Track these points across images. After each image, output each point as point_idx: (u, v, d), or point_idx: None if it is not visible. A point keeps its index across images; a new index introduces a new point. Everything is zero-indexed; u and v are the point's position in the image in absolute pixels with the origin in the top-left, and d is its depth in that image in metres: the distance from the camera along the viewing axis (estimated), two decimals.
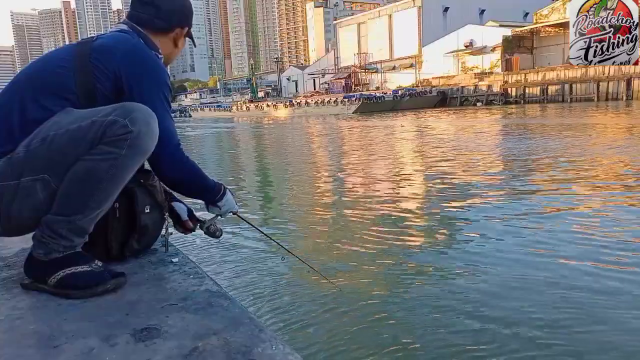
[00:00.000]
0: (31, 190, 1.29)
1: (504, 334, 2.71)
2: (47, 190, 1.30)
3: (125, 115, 1.29)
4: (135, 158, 1.32)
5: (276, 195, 8.11)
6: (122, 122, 1.28)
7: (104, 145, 1.28)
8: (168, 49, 1.62)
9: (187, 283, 1.42)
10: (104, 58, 1.38)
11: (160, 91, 1.44)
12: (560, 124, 17.92)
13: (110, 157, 1.28)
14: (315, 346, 2.72)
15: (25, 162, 1.29)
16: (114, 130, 1.27)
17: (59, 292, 1.33)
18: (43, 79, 1.39)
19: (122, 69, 1.38)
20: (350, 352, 2.66)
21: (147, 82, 1.41)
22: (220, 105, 72.25)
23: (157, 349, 1.04)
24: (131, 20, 1.56)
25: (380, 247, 4.45)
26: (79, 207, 1.31)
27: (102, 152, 1.28)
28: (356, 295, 3.38)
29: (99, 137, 1.28)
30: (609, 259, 3.78)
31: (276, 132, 27.53)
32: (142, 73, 1.41)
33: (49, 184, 1.29)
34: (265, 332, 1.11)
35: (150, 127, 1.32)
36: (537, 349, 2.57)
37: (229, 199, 1.64)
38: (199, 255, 4.41)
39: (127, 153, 1.29)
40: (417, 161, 10.90)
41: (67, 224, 1.31)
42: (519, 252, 4.05)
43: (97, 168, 1.28)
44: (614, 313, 2.90)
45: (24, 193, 1.29)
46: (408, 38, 60.13)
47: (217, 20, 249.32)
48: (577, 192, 6.32)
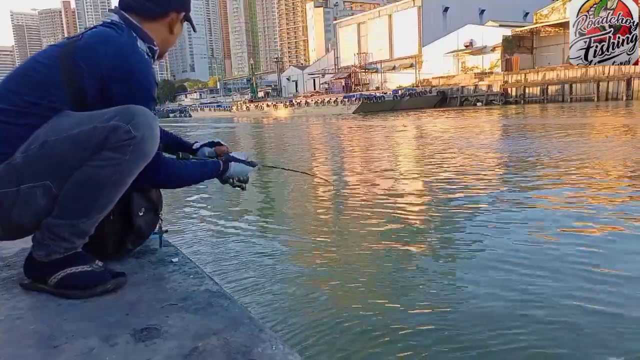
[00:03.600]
0: (31, 197, 1.27)
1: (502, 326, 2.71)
2: (47, 196, 1.28)
3: (127, 120, 1.27)
4: (138, 162, 1.32)
5: (277, 193, 8.11)
6: (125, 127, 1.26)
7: (107, 152, 1.27)
8: (163, 35, 1.54)
9: (187, 283, 1.42)
10: (88, 59, 1.33)
11: (146, 96, 1.39)
12: (560, 124, 17.92)
13: (113, 162, 1.27)
14: (315, 346, 2.72)
15: (25, 168, 1.26)
16: (118, 135, 1.26)
17: (59, 292, 1.33)
18: (29, 78, 1.34)
19: (107, 72, 1.33)
20: (350, 352, 2.66)
21: (133, 89, 1.36)
22: (220, 105, 72.29)
23: (157, 349, 1.04)
24: (121, 7, 1.48)
25: (381, 247, 4.45)
26: (82, 211, 1.31)
27: (105, 158, 1.27)
28: (357, 295, 3.38)
29: (101, 142, 1.26)
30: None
31: (276, 131, 27.52)
32: (128, 79, 1.35)
33: (49, 189, 1.28)
34: (265, 332, 1.11)
35: (153, 131, 1.32)
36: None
37: (235, 170, 1.65)
38: (199, 255, 4.41)
39: (131, 158, 1.29)
40: (424, 162, 10.90)
41: (70, 227, 1.31)
42: (520, 255, 4.05)
43: (100, 174, 1.28)
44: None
45: (24, 200, 1.27)
46: (408, 38, 60.13)
47: (217, 20, 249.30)
48: (578, 191, 6.33)
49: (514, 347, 2.59)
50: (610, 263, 3.68)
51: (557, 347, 2.58)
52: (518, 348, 2.58)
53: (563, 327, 2.77)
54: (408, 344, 2.70)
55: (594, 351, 2.55)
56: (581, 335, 2.70)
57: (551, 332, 2.72)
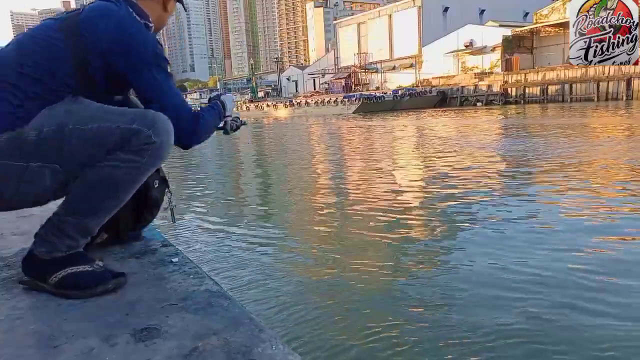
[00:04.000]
0: (40, 176, 1.27)
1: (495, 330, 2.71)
2: (55, 178, 1.28)
3: (149, 126, 1.29)
4: (154, 165, 1.35)
5: (277, 193, 8.11)
6: (147, 132, 1.28)
7: (124, 153, 1.28)
8: (157, 12, 1.55)
9: (187, 283, 1.42)
10: (90, 33, 1.31)
11: (157, 65, 1.37)
12: (561, 124, 17.91)
13: (131, 165, 1.29)
14: (316, 346, 2.72)
15: (36, 147, 1.25)
16: (139, 139, 1.27)
17: (59, 292, 1.33)
18: (34, 52, 1.32)
19: (107, 46, 1.31)
20: (350, 352, 2.66)
21: (133, 62, 1.34)
22: None
23: (157, 349, 1.04)
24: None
25: (382, 247, 4.45)
26: (93, 210, 1.32)
27: (122, 159, 1.28)
28: (357, 296, 3.38)
29: (120, 143, 1.27)
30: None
31: (276, 131, 27.52)
32: (127, 52, 1.33)
33: (58, 173, 1.28)
34: (265, 332, 1.11)
35: (171, 137, 1.34)
36: None
37: (229, 104, 1.66)
38: (199, 255, 4.41)
39: (148, 161, 1.31)
40: (424, 162, 10.90)
41: (76, 225, 1.32)
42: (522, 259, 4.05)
43: (117, 174, 1.29)
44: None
45: (31, 177, 1.27)
46: (408, 38, 60.11)
47: (217, 20, 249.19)
48: (578, 190, 6.33)
49: (514, 345, 2.59)
50: (610, 263, 3.68)
51: (555, 343, 2.58)
52: (518, 348, 2.59)
53: (562, 324, 2.78)
54: (411, 347, 2.70)
55: (594, 351, 2.55)
56: (581, 334, 2.70)
57: (551, 331, 2.72)
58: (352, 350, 2.67)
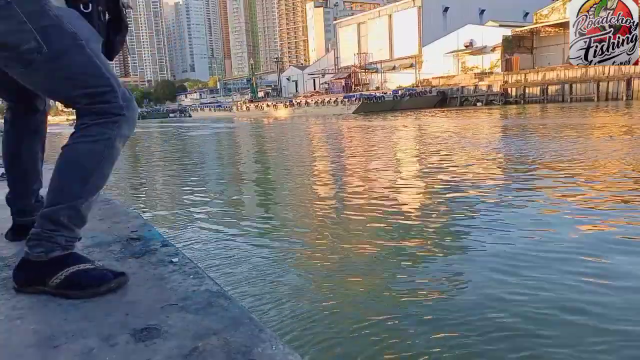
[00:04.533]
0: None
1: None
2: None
3: (126, 100, 1.32)
4: (121, 140, 1.35)
5: (277, 192, 8.11)
6: (121, 104, 1.31)
7: (96, 127, 1.29)
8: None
9: (187, 283, 1.41)
10: None
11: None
12: (560, 124, 17.92)
13: (104, 137, 1.30)
14: (315, 346, 2.72)
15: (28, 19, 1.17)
16: (111, 107, 1.30)
17: (60, 293, 1.30)
18: None
19: None
20: (350, 352, 2.66)
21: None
22: (220, 105, 72.36)
23: (157, 349, 1.04)
24: None
25: (380, 245, 4.45)
26: (79, 191, 1.31)
27: (96, 133, 1.29)
28: (357, 296, 3.38)
29: (95, 95, 1.28)
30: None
31: (276, 131, 27.53)
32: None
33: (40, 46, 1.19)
34: (265, 332, 1.11)
35: (136, 114, 1.39)
36: None
37: None
38: (199, 254, 4.41)
39: (117, 134, 1.32)
40: (424, 161, 10.90)
41: (68, 210, 1.30)
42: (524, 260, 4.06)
43: (96, 149, 1.30)
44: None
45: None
46: (408, 38, 60.14)
47: (217, 20, 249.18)
48: (578, 190, 6.33)
49: (512, 343, 2.60)
50: (611, 263, 3.69)
51: (556, 344, 2.58)
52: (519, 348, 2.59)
53: (560, 323, 2.78)
54: (409, 348, 2.70)
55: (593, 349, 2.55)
56: (580, 333, 2.70)
57: (551, 331, 2.72)
58: (354, 352, 2.67)
